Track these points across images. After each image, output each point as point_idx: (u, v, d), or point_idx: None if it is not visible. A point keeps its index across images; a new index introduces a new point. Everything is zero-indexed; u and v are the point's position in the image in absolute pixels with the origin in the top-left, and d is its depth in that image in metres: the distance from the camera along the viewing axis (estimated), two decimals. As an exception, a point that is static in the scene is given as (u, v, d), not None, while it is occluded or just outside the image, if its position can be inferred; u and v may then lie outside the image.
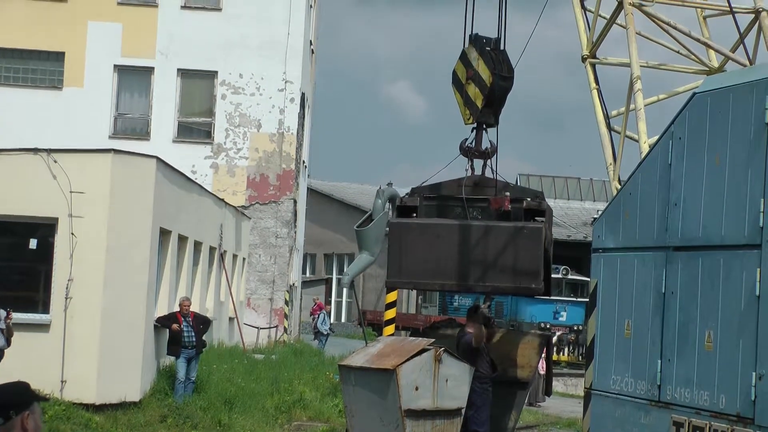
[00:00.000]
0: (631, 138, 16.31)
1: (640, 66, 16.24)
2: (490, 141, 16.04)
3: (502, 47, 15.84)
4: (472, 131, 16.05)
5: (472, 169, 16.01)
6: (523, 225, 15.43)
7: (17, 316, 20.35)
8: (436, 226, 15.32)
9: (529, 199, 15.75)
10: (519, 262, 15.17)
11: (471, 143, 15.95)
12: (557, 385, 37.73)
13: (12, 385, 5.71)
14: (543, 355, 18.55)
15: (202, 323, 23.02)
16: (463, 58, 15.97)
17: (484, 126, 15.98)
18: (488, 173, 16.06)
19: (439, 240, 15.14)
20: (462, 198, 15.57)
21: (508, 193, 15.63)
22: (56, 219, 20.77)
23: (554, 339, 40.42)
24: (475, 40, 15.84)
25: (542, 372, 22.95)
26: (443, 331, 16.60)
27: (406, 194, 15.60)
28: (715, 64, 17.32)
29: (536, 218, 15.66)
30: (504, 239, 15.21)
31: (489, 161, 16.04)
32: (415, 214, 15.65)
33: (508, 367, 16.15)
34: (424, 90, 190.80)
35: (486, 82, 15.55)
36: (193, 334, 22.44)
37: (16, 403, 5.55)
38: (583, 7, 17.64)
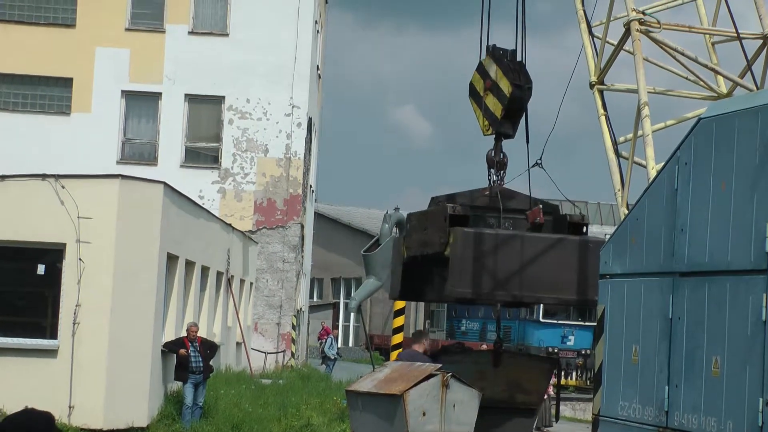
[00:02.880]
0: (639, 164, 16.35)
1: (648, 92, 16.28)
2: (503, 152, 16.01)
3: (519, 58, 15.85)
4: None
5: (500, 180, 15.97)
6: (587, 238, 15.44)
7: (25, 342, 20.43)
8: (505, 237, 15.09)
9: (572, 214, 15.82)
10: (582, 275, 15.12)
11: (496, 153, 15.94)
12: (565, 410, 37.65)
13: (38, 414, 5.65)
14: (552, 381, 18.56)
15: (209, 348, 23.04)
16: (480, 69, 15.97)
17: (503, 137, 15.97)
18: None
19: (506, 251, 14.92)
20: (499, 208, 15.51)
21: (540, 205, 15.62)
22: (64, 244, 20.83)
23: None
24: (493, 51, 15.87)
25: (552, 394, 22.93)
26: (451, 356, 16.57)
27: (451, 204, 15.28)
28: (724, 89, 17.36)
29: (581, 231, 15.64)
30: (569, 252, 15.16)
31: (504, 173, 16.04)
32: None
33: (515, 393, 16.10)
34: (429, 114, 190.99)
35: (505, 92, 15.54)
36: (200, 359, 22.47)
37: None
38: (590, 33, 17.71)
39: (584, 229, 15.77)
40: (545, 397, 18.29)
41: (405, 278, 16.20)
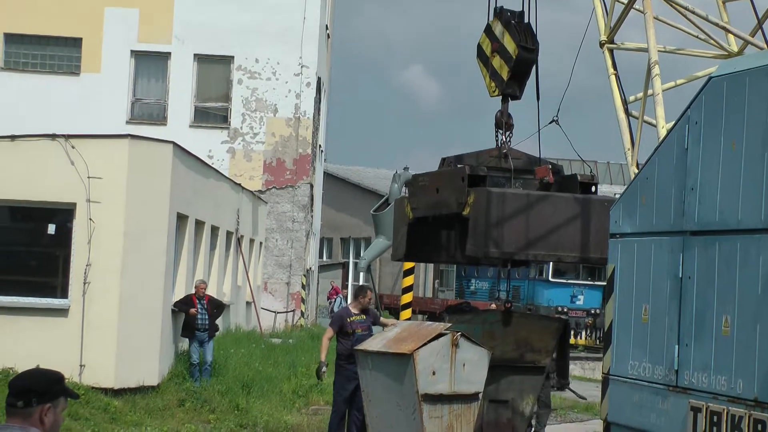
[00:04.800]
0: (649, 123, 16.28)
1: (658, 51, 16.19)
2: (509, 114, 16.01)
3: (526, 20, 15.81)
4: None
5: (505, 141, 15.97)
6: (604, 197, 15.43)
7: (36, 301, 20.47)
8: (526, 196, 15.03)
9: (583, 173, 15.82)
10: (601, 233, 15.12)
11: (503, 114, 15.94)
12: (575, 369, 37.74)
13: (44, 372, 5.57)
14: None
15: (216, 307, 23.11)
16: (488, 31, 15.97)
17: (510, 98, 15.96)
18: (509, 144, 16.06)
19: (528, 211, 14.90)
20: (510, 168, 15.50)
21: (550, 165, 15.60)
22: (74, 204, 20.83)
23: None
24: (500, 14, 15.84)
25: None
26: (459, 316, 16.57)
27: (466, 165, 15.23)
28: (735, 48, 17.26)
29: (591, 191, 15.61)
30: (589, 211, 15.14)
31: (511, 134, 16.05)
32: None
33: (524, 352, 16.14)
34: (437, 74, 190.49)
35: (511, 54, 15.53)
36: (206, 316, 22.55)
37: (41, 391, 5.43)
38: (600, -9, 17.59)
39: (594, 188, 15.74)
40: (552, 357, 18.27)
41: (410, 239, 16.18)
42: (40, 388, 5.44)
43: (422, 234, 16.10)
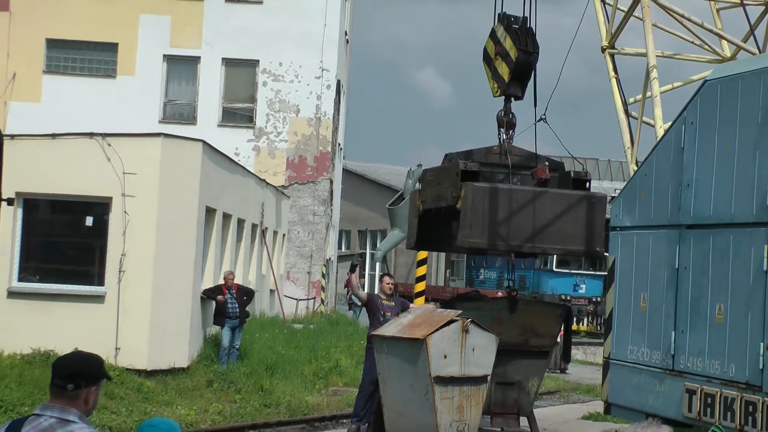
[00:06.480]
0: (647, 123, 16.25)
1: (656, 56, 16.16)
2: (512, 113, 16.02)
3: (528, 25, 15.80)
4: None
5: (509, 138, 15.99)
6: (591, 194, 15.40)
7: (75, 288, 20.53)
8: (513, 191, 15.07)
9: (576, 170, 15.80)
10: (586, 227, 15.12)
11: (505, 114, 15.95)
12: (577, 353, 37.71)
13: (89, 356, 5.59)
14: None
15: (245, 294, 23.10)
16: (493, 35, 16.00)
17: (512, 98, 15.97)
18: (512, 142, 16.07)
19: (513, 204, 14.91)
20: (508, 165, 15.51)
21: (547, 162, 15.60)
22: (110, 198, 20.86)
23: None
24: (503, 19, 15.85)
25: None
26: (469, 303, 16.54)
27: (463, 161, 15.26)
28: (728, 53, 17.20)
29: (584, 187, 15.58)
30: (573, 206, 15.13)
31: (513, 132, 16.05)
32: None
33: (530, 337, 16.13)
34: (448, 76, 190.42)
35: (512, 57, 15.55)
36: (236, 305, 22.54)
37: (89, 375, 5.47)
38: (602, 0, 17.56)
39: (587, 185, 15.71)
40: (557, 341, 18.24)
41: (421, 229, 16.24)
42: (88, 371, 5.47)
43: (431, 224, 16.14)
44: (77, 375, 5.41)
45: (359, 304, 42.81)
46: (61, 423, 5.33)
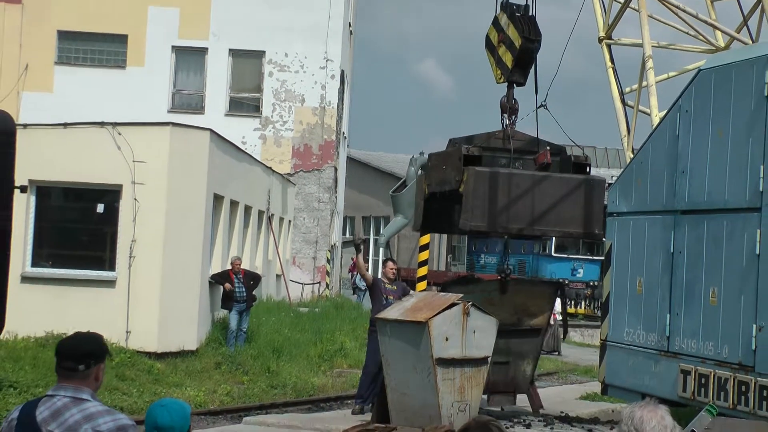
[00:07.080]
0: (643, 112, 16.24)
1: (652, 46, 16.15)
2: (515, 99, 16.00)
3: (530, 13, 15.81)
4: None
5: (512, 124, 15.99)
6: (590, 177, 15.39)
7: (87, 273, 20.58)
8: (513, 175, 15.08)
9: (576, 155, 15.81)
10: (585, 210, 15.11)
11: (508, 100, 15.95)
12: (575, 335, 37.73)
13: (94, 335, 5.67)
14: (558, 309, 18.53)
15: (252, 279, 23.14)
16: (495, 23, 16.00)
17: (515, 85, 15.97)
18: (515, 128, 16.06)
19: (514, 188, 14.91)
20: (510, 149, 15.51)
21: (548, 147, 15.60)
22: (121, 186, 20.89)
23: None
24: (506, 7, 15.85)
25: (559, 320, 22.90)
26: (461, 287, 16.50)
27: (466, 146, 15.27)
28: (722, 43, 17.18)
29: (584, 171, 15.59)
30: (572, 190, 15.13)
31: (515, 117, 16.04)
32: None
33: (522, 316, 16.09)
34: (449, 67, 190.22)
35: (516, 44, 15.56)
36: (244, 289, 22.58)
37: (96, 354, 5.54)
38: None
39: (587, 169, 15.72)
40: (551, 322, 18.23)
41: (426, 212, 16.25)
42: (95, 350, 5.56)
43: (437, 208, 16.16)
44: (89, 355, 5.49)
45: (363, 288, 42.92)
46: (75, 402, 5.39)
